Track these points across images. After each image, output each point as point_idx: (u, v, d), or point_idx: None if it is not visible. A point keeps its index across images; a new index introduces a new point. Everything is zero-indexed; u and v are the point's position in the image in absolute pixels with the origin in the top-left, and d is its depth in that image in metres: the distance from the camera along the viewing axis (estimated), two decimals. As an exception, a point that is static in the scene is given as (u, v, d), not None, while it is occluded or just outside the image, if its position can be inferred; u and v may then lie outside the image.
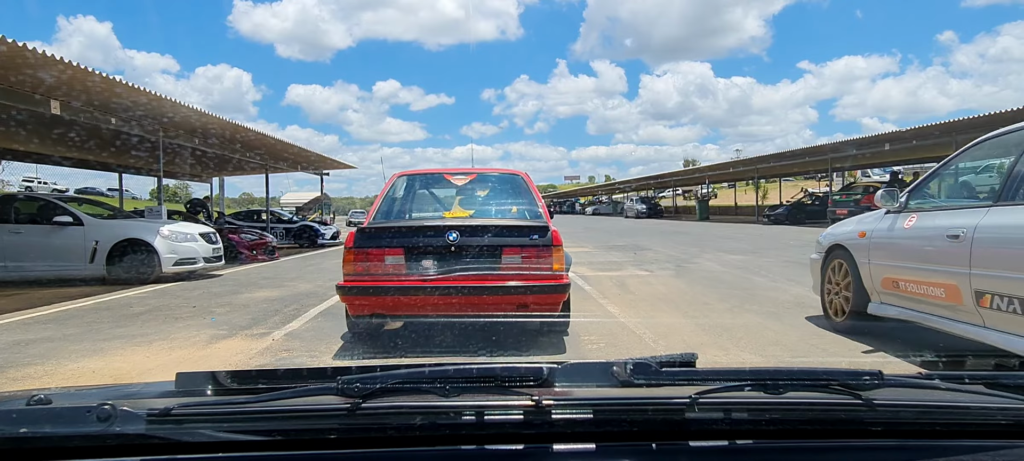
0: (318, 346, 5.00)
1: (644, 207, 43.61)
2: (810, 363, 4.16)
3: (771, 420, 0.98)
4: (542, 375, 1.04)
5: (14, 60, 7.19)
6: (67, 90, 8.93)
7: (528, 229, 4.60)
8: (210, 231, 10.95)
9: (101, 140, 12.82)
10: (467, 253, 4.45)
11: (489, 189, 5.72)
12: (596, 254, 14.02)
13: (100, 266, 9.60)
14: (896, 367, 3.86)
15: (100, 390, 1.31)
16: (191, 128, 12.53)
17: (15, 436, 0.93)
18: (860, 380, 1.02)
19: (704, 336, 5.19)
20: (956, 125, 16.28)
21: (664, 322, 5.86)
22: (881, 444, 0.98)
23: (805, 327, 5.40)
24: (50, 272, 9.57)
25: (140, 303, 7.46)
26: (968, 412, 1.02)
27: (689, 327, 5.61)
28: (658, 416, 0.97)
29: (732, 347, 4.77)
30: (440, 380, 1.01)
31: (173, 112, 10.89)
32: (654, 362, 1.07)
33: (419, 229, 4.66)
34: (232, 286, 9.11)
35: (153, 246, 9.66)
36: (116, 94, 9.40)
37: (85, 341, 5.29)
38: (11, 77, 7.83)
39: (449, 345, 4.85)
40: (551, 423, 0.94)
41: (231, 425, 0.95)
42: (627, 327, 5.63)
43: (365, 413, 0.95)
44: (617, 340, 5.15)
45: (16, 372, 4.32)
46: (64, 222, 9.68)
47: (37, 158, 17.38)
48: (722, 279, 8.94)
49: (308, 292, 8.17)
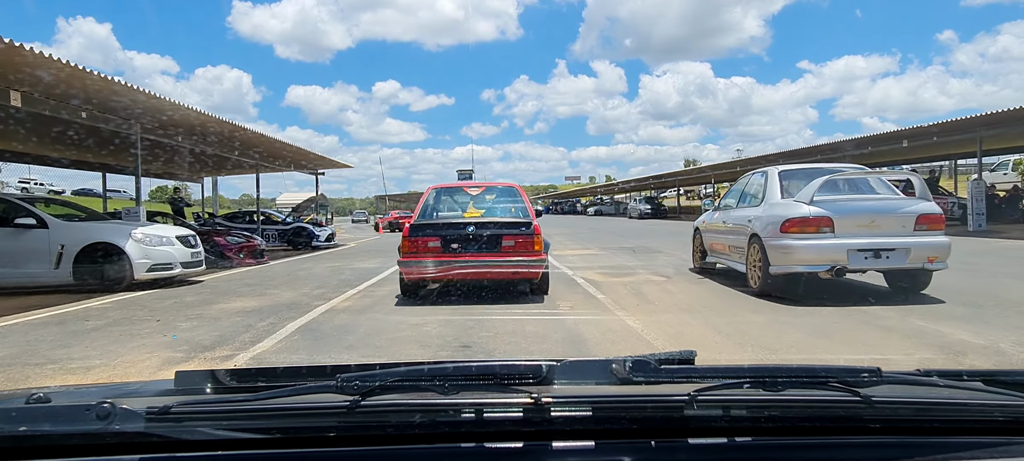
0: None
1: (648, 207, 42.58)
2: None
3: (770, 417, 0.97)
4: (541, 373, 1.05)
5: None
6: (31, 81, 8.15)
7: (519, 223, 7.11)
8: (189, 234, 10.12)
9: (76, 136, 12.03)
10: (479, 239, 6.88)
11: (494, 196, 8.23)
12: (604, 257, 13.18)
13: (66, 272, 8.78)
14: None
15: (99, 388, 1.34)
16: (173, 124, 11.72)
17: (14, 434, 0.93)
18: (858, 377, 1.02)
19: (762, 357, 4.36)
20: (964, 123, 16.42)
21: (694, 336, 5.04)
22: (880, 441, 0.97)
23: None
24: (11, 279, 8.75)
25: (99, 315, 6.64)
26: (966, 409, 1.03)
27: (729, 346, 4.78)
28: (657, 414, 0.97)
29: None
30: (439, 378, 1.02)
31: (152, 106, 10.09)
32: (653, 359, 1.08)
33: (448, 224, 7.15)
34: (208, 295, 8.28)
35: (124, 250, 8.84)
36: (88, 86, 8.62)
37: (11, 367, 4.46)
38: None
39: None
40: (550, 421, 0.94)
41: (230, 423, 0.94)
42: (652, 345, 4.81)
43: (364, 411, 0.94)
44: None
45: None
46: (27, 224, 8.85)
47: (10, 156, 16.55)
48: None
49: (290, 302, 7.35)
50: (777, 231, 6.59)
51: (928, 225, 6.43)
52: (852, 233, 6.36)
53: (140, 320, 6.32)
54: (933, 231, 6.44)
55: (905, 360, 4.14)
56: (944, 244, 6.39)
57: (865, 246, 6.30)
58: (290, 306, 7.03)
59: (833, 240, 6.34)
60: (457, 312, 6.34)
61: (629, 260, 12.18)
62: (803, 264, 6.39)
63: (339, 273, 10.90)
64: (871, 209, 6.54)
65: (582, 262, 11.80)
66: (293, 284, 9.36)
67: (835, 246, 6.31)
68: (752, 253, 7.11)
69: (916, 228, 6.38)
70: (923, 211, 6.46)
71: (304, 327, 5.74)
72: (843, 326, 5.34)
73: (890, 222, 6.42)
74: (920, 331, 4.97)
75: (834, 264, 6.26)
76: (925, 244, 6.32)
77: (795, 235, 6.44)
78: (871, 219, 6.45)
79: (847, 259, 6.28)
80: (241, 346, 4.99)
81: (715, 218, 8.90)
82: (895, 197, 6.88)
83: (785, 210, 6.69)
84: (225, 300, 7.70)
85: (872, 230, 6.39)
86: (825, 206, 6.46)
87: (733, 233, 7.91)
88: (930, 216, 6.47)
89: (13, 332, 5.76)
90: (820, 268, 6.32)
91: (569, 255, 13.33)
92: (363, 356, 4.60)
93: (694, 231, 9.83)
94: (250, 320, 6.15)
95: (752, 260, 7.11)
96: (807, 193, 6.60)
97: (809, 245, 6.37)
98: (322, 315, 6.40)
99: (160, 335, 5.52)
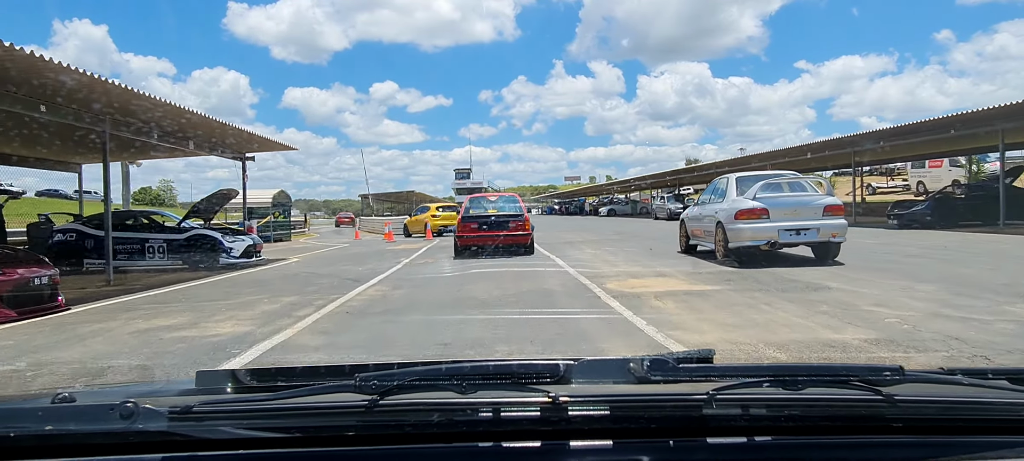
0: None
1: (681, 206, 30.73)
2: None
3: (790, 416, 0.97)
4: (559, 372, 1.06)
5: None
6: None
7: (518, 215, 13.91)
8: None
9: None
10: (497, 224, 13.65)
11: (503, 201, 15.19)
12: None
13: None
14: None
15: (122, 388, 1.33)
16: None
17: (41, 433, 0.97)
18: (881, 376, 1.02)
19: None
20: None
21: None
22: (902, 440, 0.96)
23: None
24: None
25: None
26: (992, 408, 1.03)
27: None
28: (676, 413, 0.98)
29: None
30: (457, 377, 1.03)
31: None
32: (671, 358, 1.09)
33: (481, 216, 14.06)
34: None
35: None
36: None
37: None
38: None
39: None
40: (568, 420, 0.95)
41: (251, 422, 0.97)
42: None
43: (383, 410, 0.96)
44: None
45: None
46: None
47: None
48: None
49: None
50: (733, 218, 9.68)
51: (833, 212, 9.53)
52: (781, 218, 9.44)
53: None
54: (836, 216, 9.53)
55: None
56: (843, 225, 9.50)
57: (790, 227, 9.39)
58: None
59: (769, 224, 9.43)
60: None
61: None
62: (750, 240, 9.49)
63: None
64: (794, 202, 9.65)
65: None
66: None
67: (770, 228, 9.40)
68: (718, 234, 10.20)
69: (824, 214, 9.48)
70: (829, 203, 9.59)
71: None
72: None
73: (807, 211, 9.53)
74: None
75: (770, 240, 9.37)
76: (830, 225, 9.42)
77: (744, 221, 9.53)
78: (794, 209, 9.55)
79: (778, 236, 9.37)
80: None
81: (695, 212, 12.05)
82: (812, 193, 9.98)
83: (738, 204, 9.79)
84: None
85: (795, 216, 9.48)
86: (764, 201, 9.56)
87: (706, 221, 11.00)
88: (834, 206, 9.59)
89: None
90: (761, 243, 9.42)
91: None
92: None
93: (680, 222, 13.03)
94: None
95: (718, 239, 10.20)
96: (752, 192, 9.71)
97: (753, 227, 9.46)
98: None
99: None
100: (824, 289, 7.07)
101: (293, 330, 5.84)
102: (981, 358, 4.11)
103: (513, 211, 14.10)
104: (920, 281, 7.48)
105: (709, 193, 11.75)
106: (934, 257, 10.53)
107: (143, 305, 8.11)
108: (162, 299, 8.65)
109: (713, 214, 10.52)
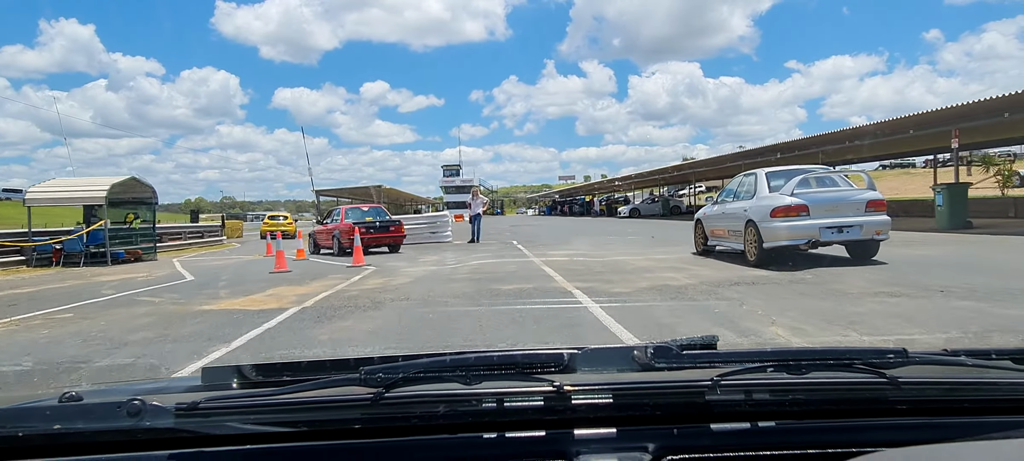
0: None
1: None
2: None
3: (794, 401, 0.97)
4: (562, 361, 1.05)
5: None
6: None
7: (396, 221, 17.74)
8: None
9: None
10: (381, 227, 16.63)
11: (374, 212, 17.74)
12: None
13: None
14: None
15: (129, 386, 1.35)
16: None
17: (49, 433, 0.96)
18: (884, 358, 1.02)
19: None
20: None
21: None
22: (907, 422, 0.97)
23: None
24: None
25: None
26: (996, 388, 1.02)
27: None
28: (679, 399, 0.98)
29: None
30: (461, 368, 1.03)
31: None
32: (675, 345, 1.09)
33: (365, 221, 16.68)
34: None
35: None
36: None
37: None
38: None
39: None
40: (572, 408, 0.95)
41: (257, 417, 0.97)
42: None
43: (388, 402, 0.96)
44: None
45: None
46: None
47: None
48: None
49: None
50: (768, 216, 9.02)
51: (875, 208, 8.92)
52: (822, 215, 8.82)
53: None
54: (879, 212, 8.93)
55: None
56: (887, 222, 8.89)
57: (832, 224, 8.77)
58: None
59: (809, 221, 8.80)
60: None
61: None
62: (788, 239, 8.84)
63: None
64: (834, 198, 9.03)
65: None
66: None
67: (811, 226, 8.76)
68: (749, 234, 9.53)
69: (866, 210, 8.87)
70: (871, 198, 8.97)
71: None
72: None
73: (848, 207, 8.92)
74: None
75: (811, 238, 8.72)
76: (873, 222, 8.81)
77: (781, 218, 8.90)
78: (834, 205, 8.93)
79: (819, 234, 8.73)
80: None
81: (714, 211, 11.32)
82: (851, 188, 9.37)
83: (773, 200, 9.16)
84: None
85: (836, 213, 8.87)
86: (802, 196, 8.93)
87: (731, 220, 10.30)
88: (876, 201, 8.98)
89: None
90: (800, 242, 8.77)
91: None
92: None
93: (696, 222, 12.10)
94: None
95: (749, 239, 9.53)
96: (789, 187, 9.08)
97: (791, 225, 8.82)
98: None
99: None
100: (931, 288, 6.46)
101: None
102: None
103: (391, 219, 17.28)
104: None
105: (728, 193, 11.08)
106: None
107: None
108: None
109: (741, 212, 9.82)
